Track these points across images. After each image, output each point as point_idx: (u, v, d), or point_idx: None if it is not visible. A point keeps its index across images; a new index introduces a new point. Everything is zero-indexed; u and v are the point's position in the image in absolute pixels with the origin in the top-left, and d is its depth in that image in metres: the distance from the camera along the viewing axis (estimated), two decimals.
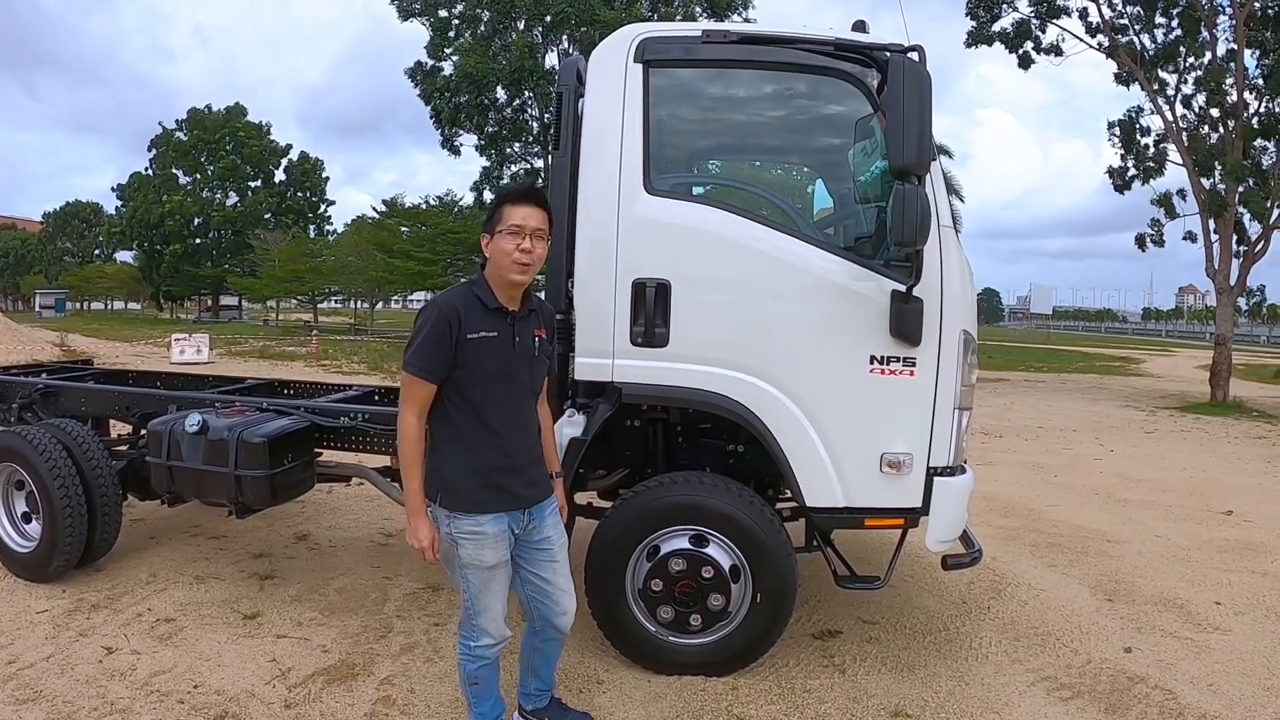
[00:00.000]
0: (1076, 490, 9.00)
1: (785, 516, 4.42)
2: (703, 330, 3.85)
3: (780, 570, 3.90)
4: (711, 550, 3.92)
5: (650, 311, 3.81)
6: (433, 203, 43.03)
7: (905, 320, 3.69)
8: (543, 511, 3.20)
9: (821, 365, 3.82)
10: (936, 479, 3.86)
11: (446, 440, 2.99)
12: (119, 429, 6.48)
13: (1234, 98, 18.73)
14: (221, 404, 5.30)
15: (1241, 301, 21.79)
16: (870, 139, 4.14)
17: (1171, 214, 21.21)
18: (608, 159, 3.90)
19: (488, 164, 33.17)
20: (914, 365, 3.78)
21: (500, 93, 31.11)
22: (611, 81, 3.92)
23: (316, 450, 5.32)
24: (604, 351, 3.88)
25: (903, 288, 3.69)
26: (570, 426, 3.92)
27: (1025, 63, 21.35)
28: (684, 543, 3.93)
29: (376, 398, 6.46)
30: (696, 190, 4.42)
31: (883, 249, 3.90)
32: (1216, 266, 19.23)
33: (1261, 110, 19.08)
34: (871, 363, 3.77)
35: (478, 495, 2.99)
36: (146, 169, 68.53)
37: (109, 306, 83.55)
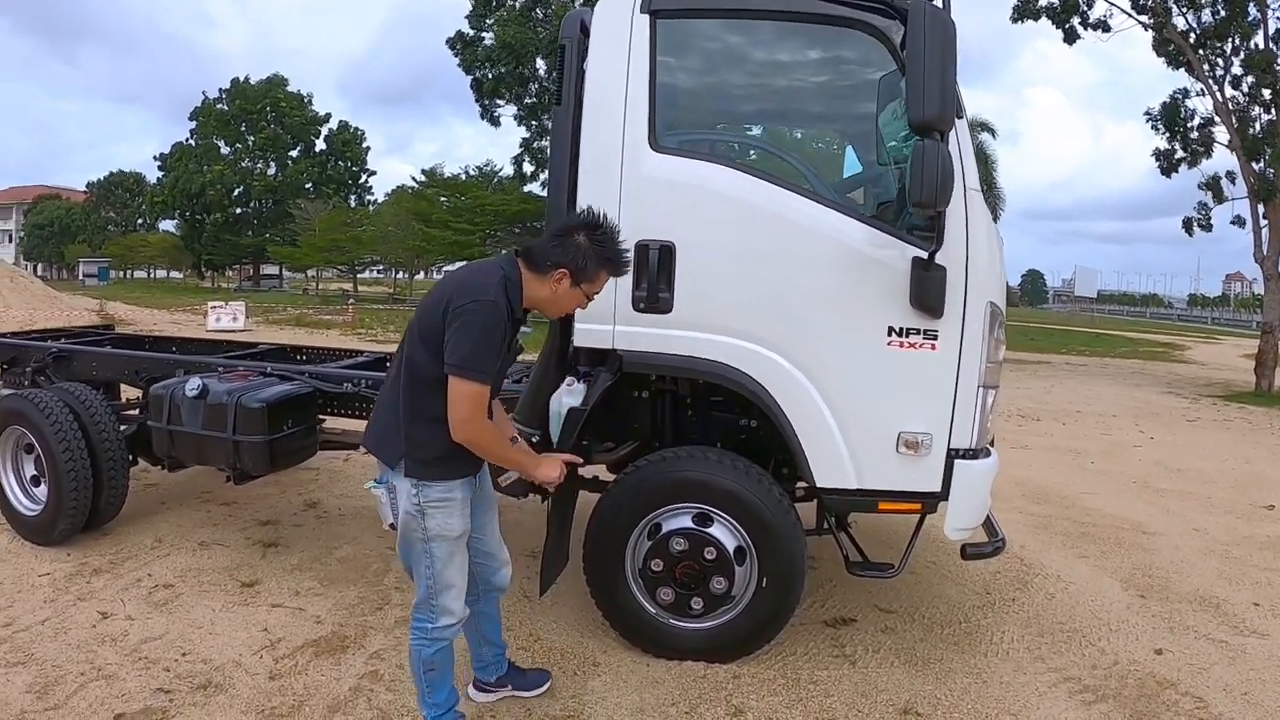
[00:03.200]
0: (1113, 478, 8.67)
1: (798, 497, 4.20)
2: (708, 296, 3.63)
3: (788, 553, 3.69)
4: (715, 530, 3.72)
5: (654, 275, 3.60)
6: (472, 173, 43.01)
7: (927, 289, 3.44)
8: (481, 471, 3.15)
9: (836, 336, 3.59)
10: (957, 462, 3.62)
11: (430, 411, 2.84)
12: (131, 394, 6.41)
13: None
14: (225, 368, 5.19)
15: None
16: (895, 100, 3.90)
17: (1219, 198, 20.51)
18: (611, 114, 3.67)
19: (527, 135, 33.05)
20: (935, 338, 3.54)
21: (540, 64, 30.87)
22: (617, 32, 3.69)
23: (319, 417, 5.21)
24: (605, 317, 3.66)
25: (924, 254, 3.43)
26: (570, 395, 3.73)
27: (1071, 38, 20.68)
28: (686, 522, 3.73)
29: (388, 364, 6.34)
30: (705, 148, 4.16)
31: (904, 214, 3.66)
32: (1265, 252, 18.56)
33: None
34: (890, 335, 3.53)
35: (448, 462, 2.89)
36: (188, 139, 69.03)
37: (152, 275, 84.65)
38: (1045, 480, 8.24)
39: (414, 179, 48.39)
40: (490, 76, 31.17)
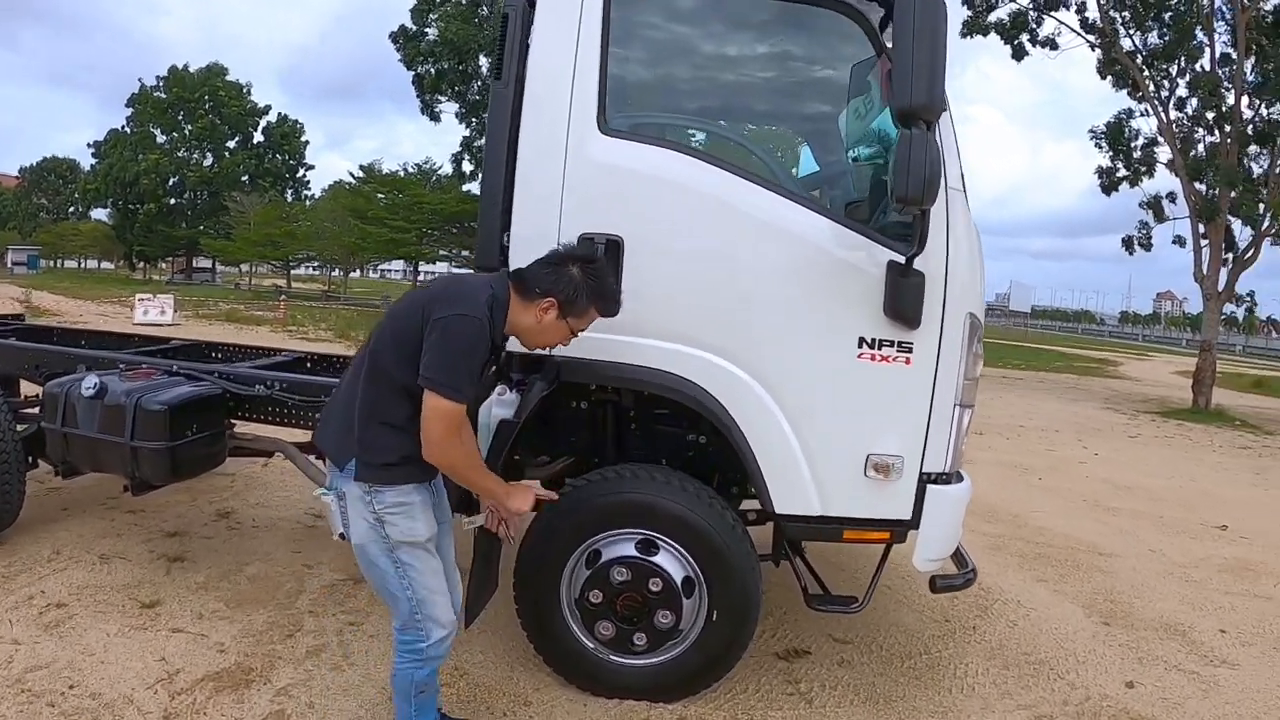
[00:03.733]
0: (1062, 495, 8.55)
1: (750, 520, 3.85)
2: (659, 298, 3.25)
3: (741, 585, 3.33)
4: (661, 559, 3.34)
5: None
6: (411, 170, 42.34)
7: (903, 297, 3.12)
8: (437, 482, 2.93)
9: (800, 346, 3.24)
10: (930, 487, 3.31)
11: (390, 417, 2.65)
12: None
13: (1231, 102, 18.35)
14: (127, 366, 4.70)
15: (1229, 307, 21.52)
16: (866, 94, 3.58)
17: (1160, 217, 20.84)
18: (557, 91, 3.27)
19: (468, 133, 32.49)
20: (910, 351, 3.21)
21: (483, 60, 30.36)
22: (566, 2, 3.29)
23: (228, 421, 4.74)
24: None
25: (901, 258, 3.11)
26: (501, 406, 3.33)
27: (1019, 54, 20.84)
28: (629, 549, 3.35)
29: (308, 364, 5.90)
30: (659, 133, 3.78)
31: (877, 214, 3.33)
32: (1205, 272, 18.88)
33: (1258, 117, 18.70)
34: (860, 346, 3.20)
35: (402, 468, 2.67)
36: (124, 126, 67.58)
37: (83, 265, 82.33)
38: (994, 497, 8.03)
39: (351, 175, 47.78)
40: (432, 72, 30.58)
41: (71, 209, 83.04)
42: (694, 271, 3.25)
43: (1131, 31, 19.71)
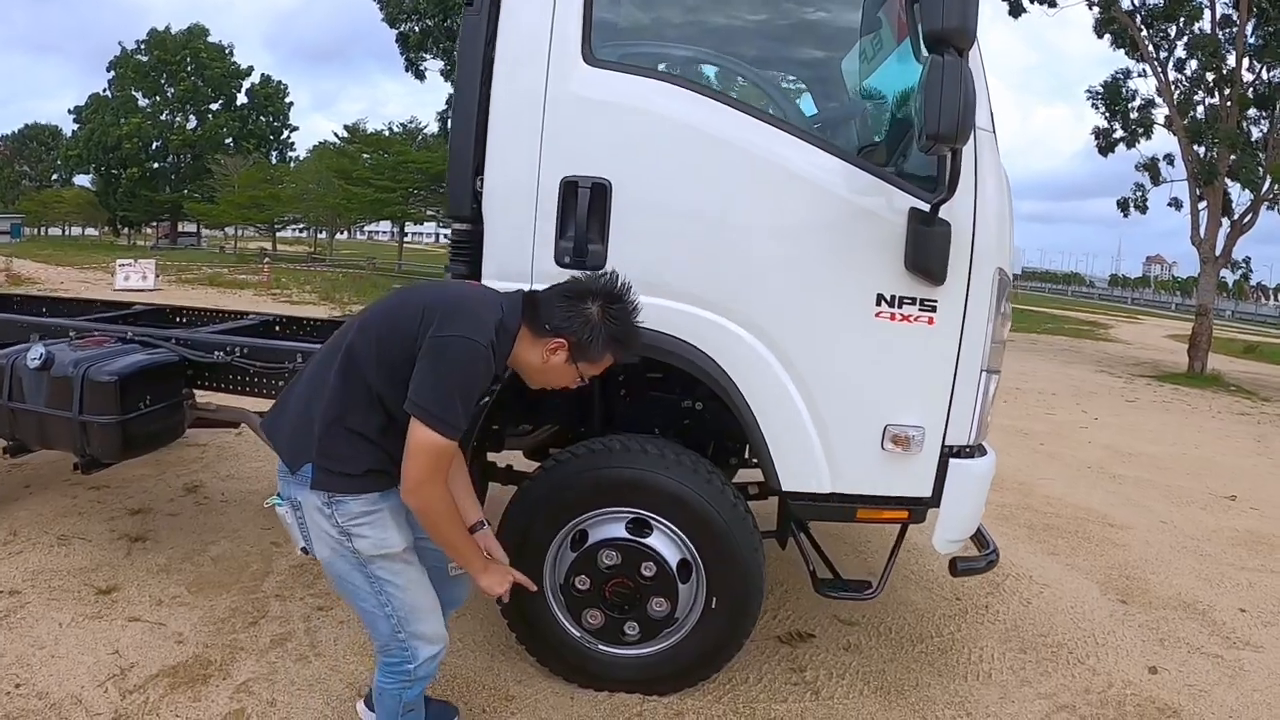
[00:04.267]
0: (1066, 462, 8.29)
1: (750, 495, 3.53)
2: (651, 249, 2.89)
3: (743, 569, 3.02)
4: (655, 541, 3.02)
5: (582, 222, 2.84)
6: (396, 130, 41.67)
7: (927, 248, 2.76)
8: None
9: (811, 303, 2.89)
10: (952, 461, 2.98)
11: (357, 424, 2.30)
12: None
13: (1231, 64, 18.05)
14: (79, 333, 4.34)
15: (1226, 273, 21.38)
16: (876, 33, 3.23)
17: (1157, 180, 20.63)
18: (536, 17, 2.88)
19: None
20: (933, 310, 2.87)
21: None
22: None
23: (186, 391, 4.39)
24: (520, 274, 2.90)
25: (924, 205, 2.76)
26: None
27: (1017, 11, 20.34)
28: (619, 530, 3.03)
29: (277, 329, 5.54)
30: (652, 63, 3.38)
31: (896, 157, 2.98)
32: (1203, 236, 18.63)
33: (1259, 80, 18.41)
34: (879, 304, 2.85)
35: (366, 477, 2.32)
36: (105, 91, 67.15)
37: (66, 232, 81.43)
38: (998, 464, 7.74)
39: (336, 135, 47.37)
40: (416, 30, 29.84)
41: (55, 176, 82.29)
42: (690, 219, 2.89)
43: None
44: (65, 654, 3.38)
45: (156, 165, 65.53)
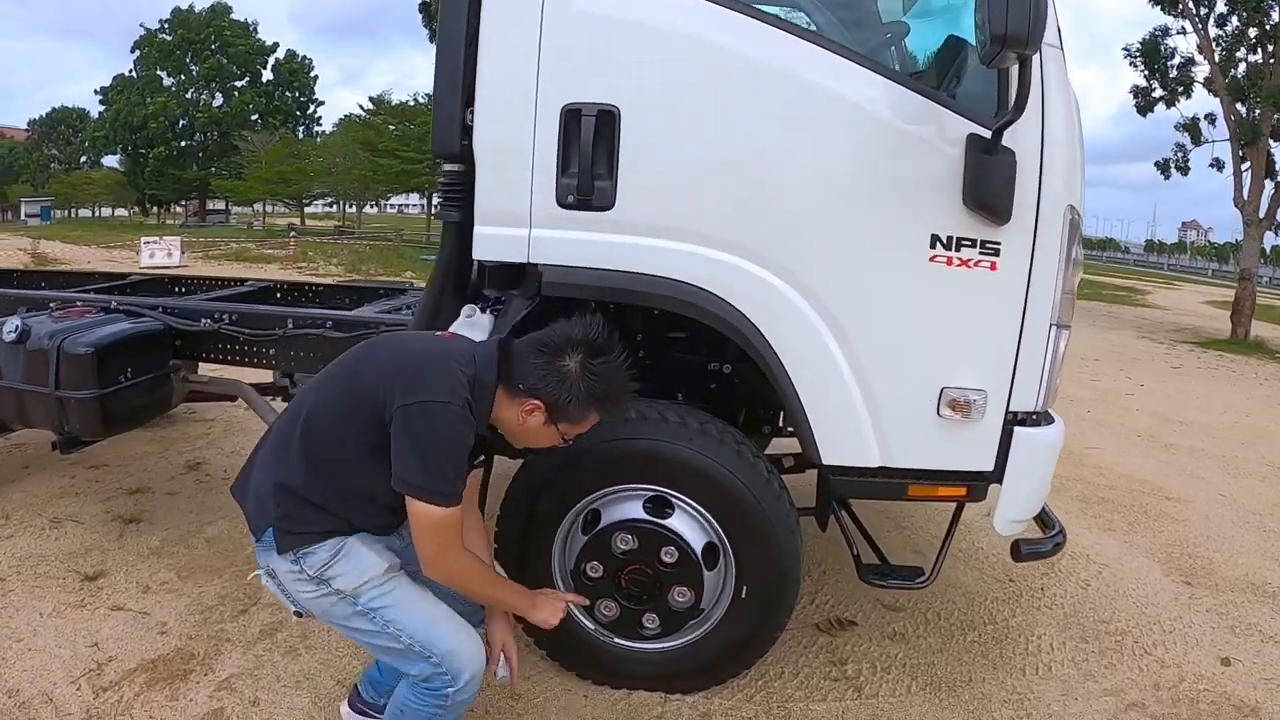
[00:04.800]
0: (1114, 430, 7.86)
1: (784, 469, 3.16)
2: (667, 186, 2.50)
3: (777, 554, 2.65)
4: (677, 522, 2.66)
5: (588, 156, 2.45)
6: (422, 101, 41.32)
7: (989, 180, 2.37)
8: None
9: (855, 247, 2.49)
10: (1017, 430, 2.59)
11: (316, 494, 2.11)
12: None
13: (1276, 19, 17.35)
14: (60, 304, 4.05)
15: (1270, 236, 20.74)
16: None
17: (1197, 140, 19.97)
18: None
19: None
20: (996, 254, 2.47)
21: None
22: None
23: (174, 362, 4.08)
24: (517, 217, 2.53)
25: (985, 131, 2.36)
26: (469, 330, 2.62)
27: None
28: (636, 510, 2.67)
29: (278, 295, 5.23)
30: None
31: (950, 79, 2.58)
32: (1245, 197, 17.96)
33: None
34: (934, 246, 2.45)
35: (327, 532, 2.13)
36: (130, 71, 67.61)
37: (96, 213, 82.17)
38: None
39: (361, 107, 47.08)
40: None
41: (83, 158, 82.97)
42: (713, 151, 2.49)
43: None
44: (42, 647, 3.13)
45: (183, 144, 65.67)
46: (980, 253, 2.47)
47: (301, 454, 2.10)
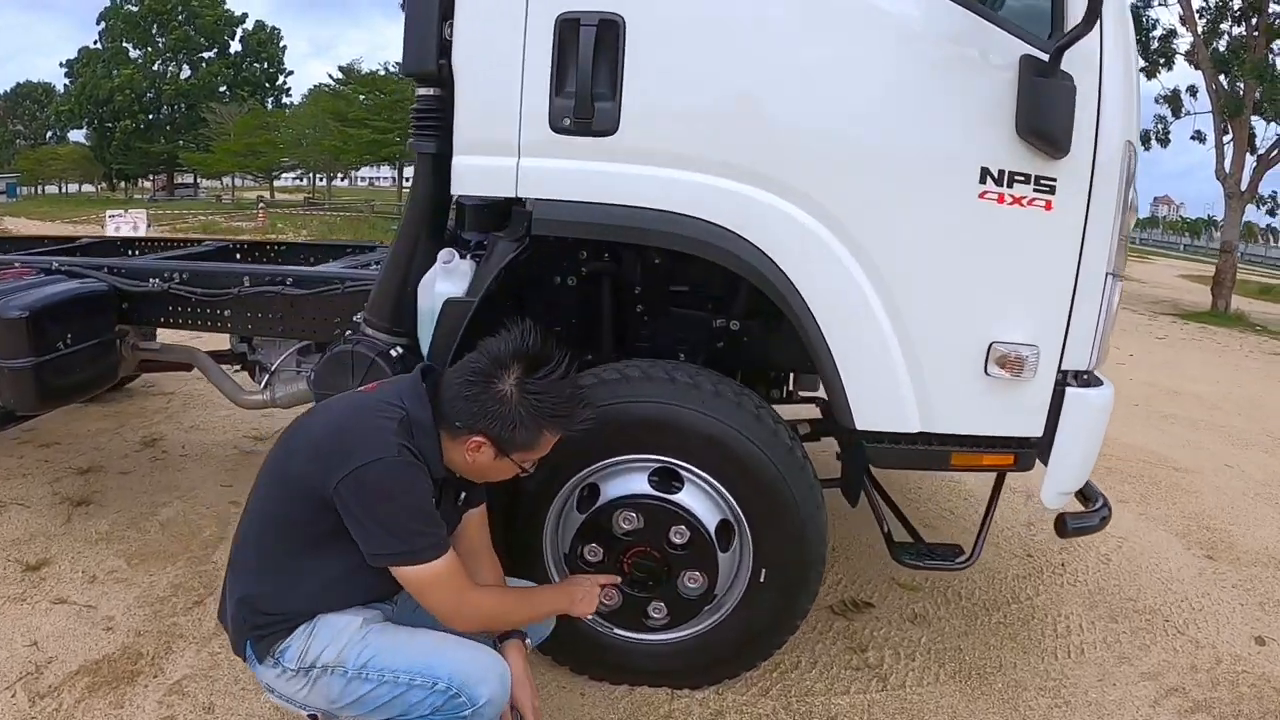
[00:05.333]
0: None
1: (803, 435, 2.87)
2: (680, 107, 2.17)
3: (800, 533, 2.35)
4: (687, 498, 2.35)
5: (587, 72, 2.11)
6: (392, 69, 40.68)
7: (1046, 106, 2.06)
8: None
9: (896, 180, 2.18)
10: (1070, 392, 2.31)
11: (279, 606, 1.90)
12: None
13: None
14: None
15: (1251, 209, 20.87)
16: None
17: (1178, 112, 19.93)
18: None
19: None
20: (1051, 191, 2.17)
21: None
22: None
23: (121, 328, 3.72)
24: (503, 145, 2.19)
25: (1040, 53, 2.05)
26: (448, 279, 2.29)
27: None
28: (640, 484, 2.35)
29: (238, 256, 4.86)
30: None
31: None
32: (1228, 170, 17.88)
33: None
34: (984, 181, 2.14)
35: (295, 619, 1.92)
36: (96, 43, 66.12)
37: (63, 190, 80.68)
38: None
39: (331, 77, 46.27)
40: None
41: (49, 134, 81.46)
42: (734, 69, 2.16)
43: None
44: None
45: (150, 117, 64.85)
46: (1035, 190, 2.16)
47: (259, 562, 1.92)
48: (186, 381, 5.94)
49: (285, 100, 68.26)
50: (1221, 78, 17.89)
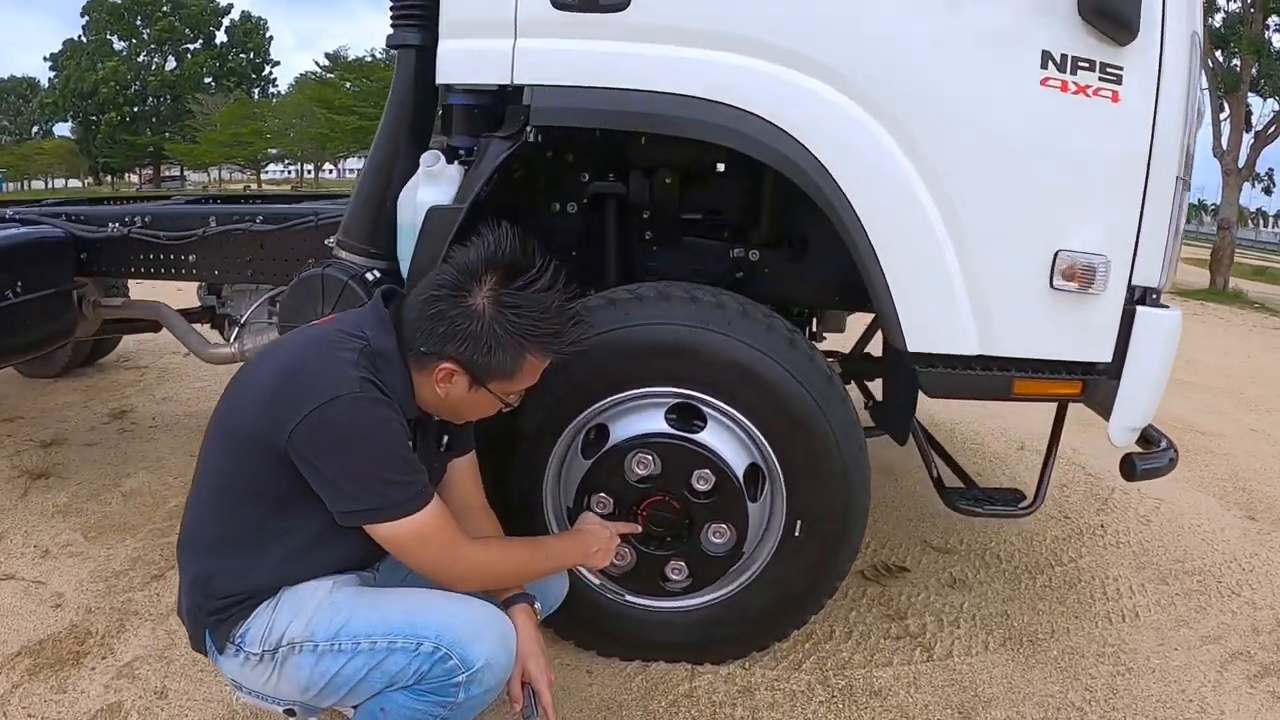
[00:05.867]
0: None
1: None
2: None
3: (842, 477, 2.05)
4: (711, 437, 2.05)
5: None
6: (379, 55, 40.37)
7: None
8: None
9: (949, 64, 1.89)
10: (1141, 311, 2.03)
11: (269, 553, 1.59)
12: None
13: None
14: None
15: (1248, 186, 20.71)
16: None
17: None
18: None
19: None
20: (1118, 80, 1.89)
21: None
22: None
23: (80, 280, 3.42)
24: (498, 25, 1.90)
25: None
26: (432, 184, 1.98)
27: None
28: (656, 421, 2.05)
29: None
30: None
31: None
32: (1225, 147, 17.67)
33: None
34: (1045, 66, 1.85)
35: (256, 598, 1.61)
36: (80, 36, 65.86)
37: (49, 185, 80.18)
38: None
39: (317, 63, 46.11)
40: None
41: (35, 129, 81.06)
42: None
43: None
44: None
45: (136, 109, 64.81)
46: (1100, 78, 1.88)
47: (213, 535, 1.61)
48: (162, 355, 5.75)
49: (272, 91, 68.08)
50: (1218, 54, 17.60)
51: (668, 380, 2.01)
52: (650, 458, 2.02)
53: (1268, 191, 23.37)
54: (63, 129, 73.03)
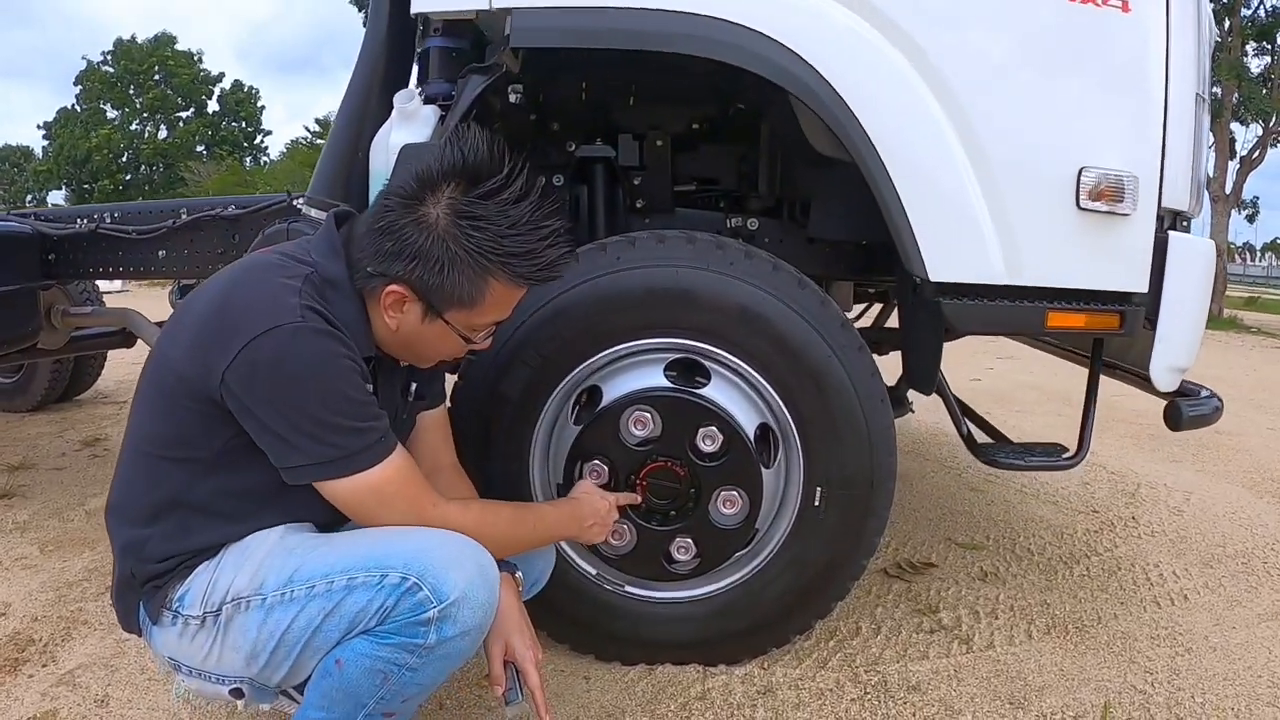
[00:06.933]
0: (1128, 377, 7.32)
1: None
2: None
3: (866, 437, 1.85)
4: (716, 392, 1.85)
5: None
6: None
7: None
8: None
9: None
10: (1173, 236, 1.87)
11: (210, 516, 1.37)
12: None
13: None
14: None
15: (1234, 213, 21.02)
16: None
17: None
18: None
19: None
20: None
21: None
22: None
23: (47, 281, 3.27)
24: None
25: None
26: (405, 126, 1.81)
27: None
28: (655, 377, 1.85)
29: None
30: None
31: None
32: (1212, 174, 17.73)
33: (1261, 8, 17.85)
34: None
35: (197, 559, 1.38)
36: (73, 105, 66.56)
37: None
38: (1056, 385, 6.71)
39: (307, 129, 46.09)
40: None
41: (29, 197, 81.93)
42: None
43: None
44: None
45: (129, 177, 65.31)
46: None
47: (144, 497, 1.38)
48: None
49: (263, 159, 68.72)
50: None
51: (665, 330, 1.81)
52: (649, 415, 1.80)
53: (1251, 220, 23.48)
54: (56, 197, 73.79)
